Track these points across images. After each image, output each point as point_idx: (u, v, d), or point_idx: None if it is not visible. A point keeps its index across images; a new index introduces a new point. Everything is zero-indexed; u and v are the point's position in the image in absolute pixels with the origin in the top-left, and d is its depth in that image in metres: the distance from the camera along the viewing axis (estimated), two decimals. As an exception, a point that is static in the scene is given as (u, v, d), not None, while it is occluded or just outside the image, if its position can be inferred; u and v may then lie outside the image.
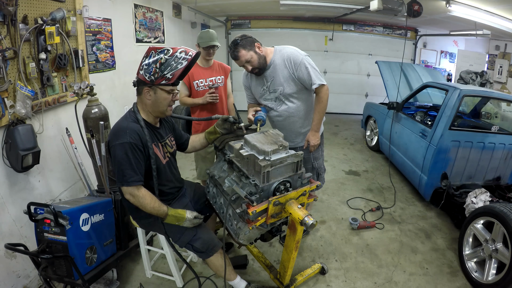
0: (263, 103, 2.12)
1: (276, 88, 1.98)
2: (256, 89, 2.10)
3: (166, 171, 1.65)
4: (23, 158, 1.77)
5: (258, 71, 1.94)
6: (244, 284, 1.75)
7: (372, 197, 3.29)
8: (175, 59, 1.41)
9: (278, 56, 1.93)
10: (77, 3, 2.40)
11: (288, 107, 2.03)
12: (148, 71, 1.42)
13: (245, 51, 1.84)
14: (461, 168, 2.89)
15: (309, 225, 1.39)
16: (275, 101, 2.04)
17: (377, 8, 3.68)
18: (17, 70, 1.82)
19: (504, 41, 5.80)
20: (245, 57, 1.85)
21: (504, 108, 3.72)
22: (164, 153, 1.64)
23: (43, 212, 1.52)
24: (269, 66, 1.95)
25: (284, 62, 1.91)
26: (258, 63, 1.89)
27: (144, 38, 3.87)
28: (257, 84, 2.07)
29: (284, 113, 2.05)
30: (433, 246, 2.49)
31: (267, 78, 1.99)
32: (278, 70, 1.93)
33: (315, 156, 2.19)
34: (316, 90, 1.92)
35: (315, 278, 2.10)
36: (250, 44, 1.86)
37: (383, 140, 4.24)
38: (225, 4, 5.45)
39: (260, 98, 2.10)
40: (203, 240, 1.59)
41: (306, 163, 2.14)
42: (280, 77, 1.94)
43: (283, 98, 2.00)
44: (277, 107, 2.05)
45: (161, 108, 1.52)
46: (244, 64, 1.89)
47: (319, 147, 2.19)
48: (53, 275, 1.59)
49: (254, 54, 1.87)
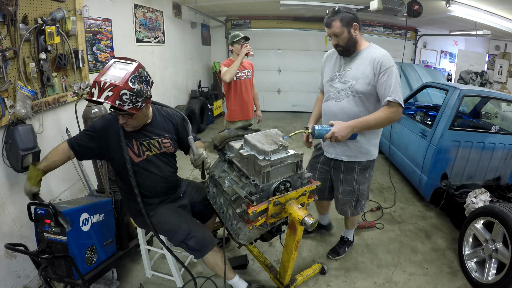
0: (326, 89, 1.90)
1: (347, 80, 1.77)
2: (328, 71, 1.90)
3: (140, 169, 1.62)
4: (23, 158, 1.77)
5: (341, 50, 1.76)
6: (245, 285, 1.74)
7: (372, 197, 3.29)
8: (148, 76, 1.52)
9: (369, 51, 1.74)
10: (77, 3, 2.40)
11: (350, 105, 1.76)
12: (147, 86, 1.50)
13: (340, 24, 1.66)
14: (461, 168, 2.89)
15: (309, 225, 1.39)
16: (339, 92, 1.80)
17: (377, 8, 3.68)
18: (17, 70, 1.82)
19: (504, 41, 5.80)
20: (336, 29, 1.68)
21: (504, 108, 3.72)
22: (141, 151, 1.61)
23: (43, 212, 1.52)
24: (354, 54, 1.76)
25: (371, 59, 1.69)
26: (345, 43, 1.71)
27: (144, 38, 3.88)
28: (333, 67, 1.88)
29: (342, 109, 1.79)
30: (433, 246, 2.49)
31: (344, 66, 1.80)
32: (360, 64, 1.74)
33: (359, 179, 1.90)
34: (388, 104, 1.64)
35: (315, 278, 2.10)
36: (348, 20, 1.67)
37: (383, 140, 4.24)
38: (225, 4, 5.45)
39: (327, 82, 1.88)
40: (197, 238, 1.59)
41: (347, 184, 1.92)
42: (358, 71, 1.73)
43: (350, 93, 1.76)
44: (338, 99, 1.81)
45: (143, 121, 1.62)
46: (332, 35, 1.72)
47: (367, 171, 1.92)
48: (53, 275, 1.59)
49: (346, 32, 1.68)
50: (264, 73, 6.91)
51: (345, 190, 1.95)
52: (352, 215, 2.08)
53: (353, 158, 1.86)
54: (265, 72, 7.01)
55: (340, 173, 1.94)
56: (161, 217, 1.66)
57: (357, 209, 2.03)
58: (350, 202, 1.99)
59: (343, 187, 1.95)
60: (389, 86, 1.63)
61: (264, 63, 6.93)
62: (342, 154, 1.88)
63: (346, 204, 2.02)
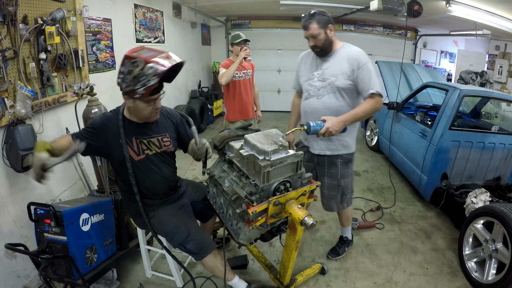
0: (304, 88, 1.99)
1: (326, 78, 1.86)
2: (305, 71, 2.00)
3: (139, 168, 1.61)
4: (23, 158, 1.76)
5: (318, 51, 1.87)
6: (244, 285, 1.74)
7: (372, 197, 3.29)
8: (144, 76, 1.33)
9: (344, 50, 1.86)
10: (77, 3, 2.40)
11: (331, 100, 1.87)
12: (124, 81, 1.38)
13: (317, 26, 1.78)
14: (461, 168, 2.89)
15: (309, 225, 1.39)
16: (319, 90, 1.89)
17: (377, 8, 3.68)
18: (17, 70, 1.82)
19: (504, 41, 5.80)
20: (314, 31, 1.78)
21: (504, 108, 3.72)
22: (140, 149, 1.60)
23: (43, 212, 1.52)
24: (330, 54, 1.87)
25: (348, 57, 1.82)
26: (322, 43, 1.82)
27: (144, 38, 3.88)
28: (310, 66, 1.97)
29: (324, 104, 1.88)
30: (433, 246, 2.49)
31: (321, 65, 1.90)
32: (337, 62, 1.85)
33: (343, 173, 1.99)
34: (371, 96, 1.75)
35: (315, 278, 2.10)
36: (324, 22, 1.79)
37: (383, 140, 4.24)
38: (225, 4, 5.45)
39: (305, 81, 1.97)
40: (196, 241, 1.59)
41: (332, 178, 2.01)
42: (337, 68, 1.84)
43: (330, 89, 1.86)
44: (319, 96, 1.90)
45: (144, 115, 1.55)
46: (309, 37, 1.83)
47: (349, 164, 2.01)
48: (53, 275, 1.59)
49: (323, 33, 1.79)
50: (264, 73, 6.91)
51: (330, 185, 2.02)
52: (338, 210, 2.13)
53: (336, 152, 1.95)
54: (265, 72, 7.01)
55: (324, 168, 2.01)
56: (161, 218, 1.66)
57: (343, 203, 2.09)
58: (336, 196, 2.06)
59: (328, 181, 2.02)
60: (369, 80, 1.76)
61: (264, 63, 6.94)
62: (326, 148, 1.96)
63: (332, 199, 2.06)
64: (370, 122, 4.87)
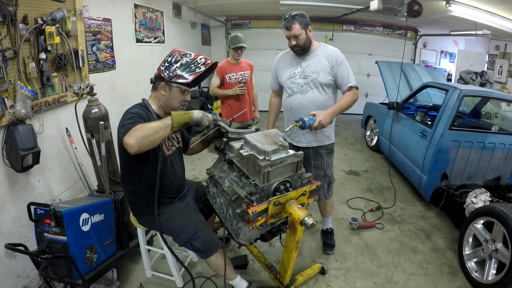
0: (287, 86, 2.09)
1: (308, 75, 2.00)
2: (285, 71, 2.10)
3: (167, 164, 1.62)
4: (23, 158, 1.77)
5: (299, 50, 1.98)
6: (245, 285, 1.74)
7: (372, 197, 3.29)
8: (195, 63, 1.53)
9: (322, 49, 2.02)
10: (77, 3, 2.40)
11: (316, 95, 2.01)
12: (168, 69, 1.52)
13: (299, 26, 1.90)
14: (461, 168, 2.89)
15: (309, 225, 1.39)
16: (302, 86, 2.02)
17: (377, 8, 3.68)
18: (17, 70, 1.82)
19: (504, 41, 5.80)
20: (296, 31, 1.90)
21: (504, 108, 3.72)
22: (169, 145, 1.65)
23: (43, 212, 1.52)
24: (309, 53, 2.01)
25: (326, 55, 1.98)
26: (303, 43, 1.95)
27: (144, 38, 3.87)
28: (289, 66, 2.08)
29: (310, 99, 2.01)
30: (433, 246, 2.49)
31: (301, 63, 2.03)
32: (316, 60, 1.99)
33: (328, 162, 2.15)
34: (350, 89, 1.95)
35: (315, 278, 2.10)
36: (305, 24, 1.93)
37: (383, 140, 4.24)
38: (225, 4, 5.45)
39: (287, 80, 2.08)
40: (203, 239, 1.58)
41: (319, 169, 2.14)
42: (317, 66, 1.98)
43: (313, 85, 2.00)
44: (303, 92, 2.02)
45: (173, 105, 1.58)
46: (291, 37, 1.93)
47: (332, 154, 2.18)
48: (53, 275, 1.59)
49: (304, 33, 1.92)
50: (264, 73, 6.87)
51: (318, 175, 2.13)
52: (325, 199, 2.26)
53: (321, 143, 2.11)
54: (265, 72, 6.98)
55: (310, 160, 2.14)
56: (169, 215, 1.64)
57: (329, 192, 2.25)
58: (323, 186, 2.18)
59: (315, 172, 2.13)
60: (347, 75, 1.95)
61: (264, 63, 6.92)
62: (312, 140, 2.10)
63: (319, 189, 2.08)
64: (370, 122, 4.87)
